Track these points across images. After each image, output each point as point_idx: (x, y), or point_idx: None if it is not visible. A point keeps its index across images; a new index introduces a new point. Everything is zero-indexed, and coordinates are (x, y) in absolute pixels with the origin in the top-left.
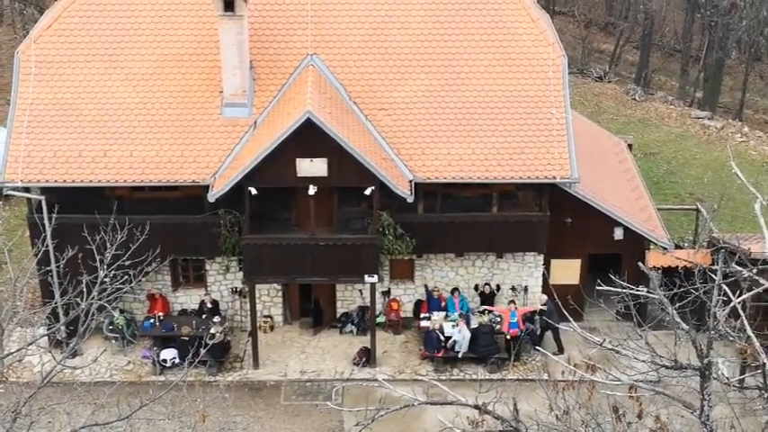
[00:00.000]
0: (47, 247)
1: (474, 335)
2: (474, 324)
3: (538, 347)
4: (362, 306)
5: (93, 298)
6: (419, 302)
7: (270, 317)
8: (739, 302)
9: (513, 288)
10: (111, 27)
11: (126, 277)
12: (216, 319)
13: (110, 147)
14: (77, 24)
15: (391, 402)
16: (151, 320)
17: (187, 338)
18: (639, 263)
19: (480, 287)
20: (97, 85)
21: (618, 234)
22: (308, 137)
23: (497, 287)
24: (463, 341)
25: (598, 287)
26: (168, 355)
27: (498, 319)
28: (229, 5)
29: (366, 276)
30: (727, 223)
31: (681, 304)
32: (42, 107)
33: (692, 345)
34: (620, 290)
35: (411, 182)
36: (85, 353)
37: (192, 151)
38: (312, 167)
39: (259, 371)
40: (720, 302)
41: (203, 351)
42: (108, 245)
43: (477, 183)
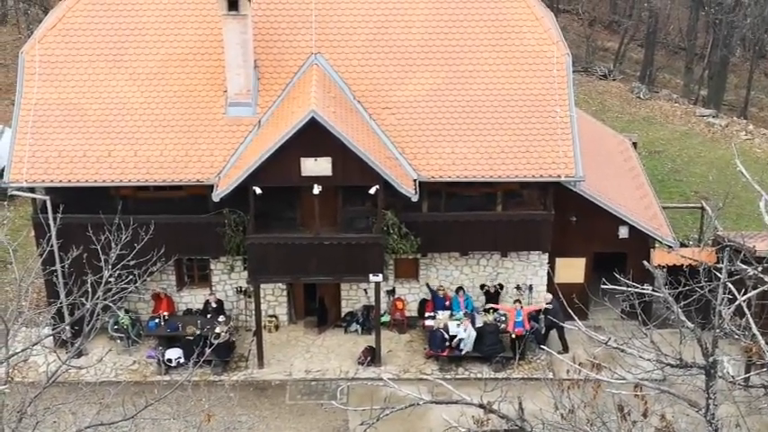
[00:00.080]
0: (52, 247)
1: (479, 334)
2: (479, 323)
3: (543, 346)
4: (367, 305)
5: (98, 298)
6: (424, 301)
7: (275, 316)
8: (744, 300)
9: (518, 287)
10: (116, 27)
11: (131, 277)
12: (221, 319)
13: (114, 146)
14: (82, 24)
15: (396, 401)
16: (156, 320)
17: (192, 338)
18: (644, 261)
19: (486, 286)
20: (102, 85)
21: (623, 232)
22: (313, 136)
23: (500, 286)
24: (468, 340)
25: (603, 286)
26: (173, 354)
27: (503, 318)
28: (233, 5)
29: (371, 276)
30: (732, 221)
31: (686, 303)
32: (47, 107)
33: (698, 343)
34: (625, 288)
35: (415, 181)
36: (90, 353)
37: (197, 151)
38: (316, 167)
39: (264, 370)
40: (725, 301)
41: (208, 351)
42: (113, 245)
43: (481, 181)
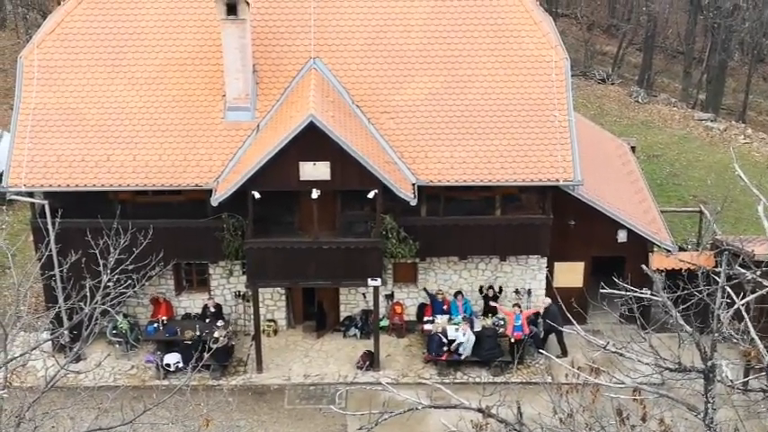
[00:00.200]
0: (50, 251)
1: (478, 338)
2: (477, 327)
3: (541, 350)
4: (366, 310)
5: (96, 302)
6: (423, 306)
7: (273, 321)
8: (743, 304)
9: (517, 291)
10: (114, 31)
11: (129, 281)
12: (219, 323)
13: (113, 151)
14: (80, 29)
15: (395, 406)
16: (155, 325)
17: (190, 342)
18: (643, 265)
19: (485, 290)
20: (100, 90)
21: (621, 236)
22: (311, 140)
23: (500, 289)
24: (467, 344)
25: (602, 290)
26: (172, 359)
27: (502, 323)
28: (232, 9)
29: (369, 280)
30: (731, 225)
31: (684, 307)
32: (45, 112)
33: (696, 347)
34: (623, 292)
35: (414, 185)
36: (89, 357)
37: (195, 155)
38: (315, 171)
39: (263, 375)
40: (724, 305)
41: (207, 355)
42: (111, 249)
43: (480, 185)
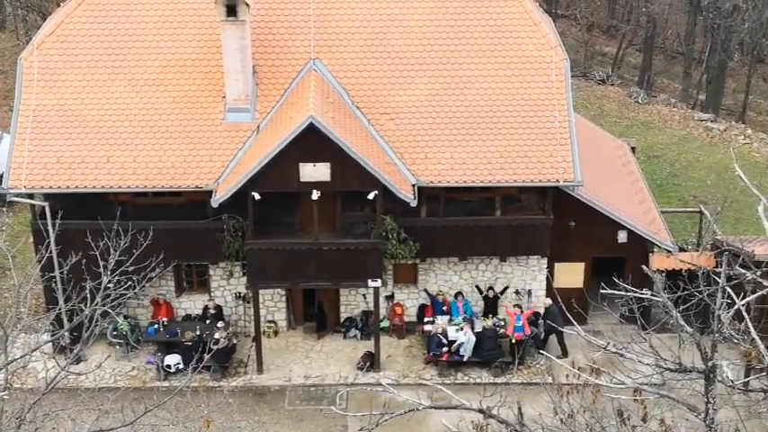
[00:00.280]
0: (50, 253)
1: (478, 339)
2: (478, 328)
3: (542, 351)
4: (366, 311)
5: (96, 304)
6: (423, 307)
7: (274, 322)
8: (743, 305)
9: (517, 291)
10: (114, 33)
11: (130, 283)
12: (220, 325)
13: (113, 152)
14: (80, 30)
15: (395, 407)
16: (155, 326)
17: (191, 344)
18: (643, 266)
19: (484, 291)
20: (100, 91)
21: (622, 237)
22: (311, 142)
23: (505, 290)
24: (468, 344)
25: (602, 290)
26: (172, 360)
27: (502, 323)
28: (232, 11)
29: (369, 281)
30: (731, 226)
31: (685, 307)
32: (45, 113)
33: (697, 348)
34: (624, 293)
35: (414, 186)
36: (89, 359)
37: (195, 156)
38: (315, 172)
39: (263, 376)
40: (724, 305)
41: (207, 356)
42: (111, 250)
43: (480, 186)
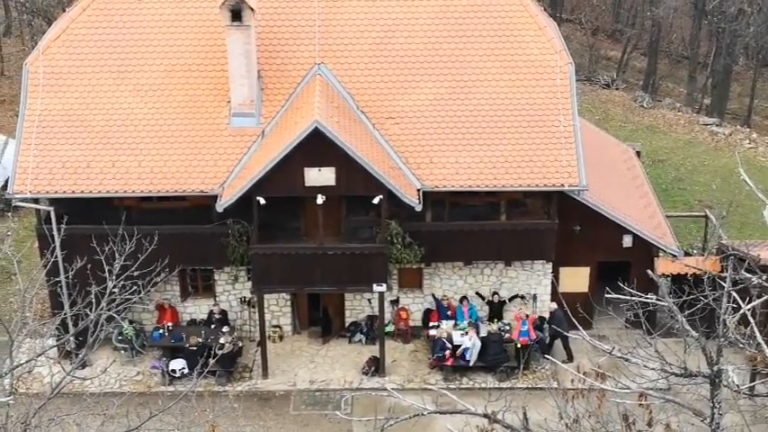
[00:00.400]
0: (56, 257)
1: (483, 343)
2: (483, 332)
3: (547, 356)
4: (371, 315)
5: (102, 308)
6: (428, 311)
7: (279, 326)
8: (749, 309)
9: (522, 296)
10: (119, 38)
11: (135, 287)
12: (225, 329)
13: (118, 157)
14: (85, 35)
15: (400, 412)
16: (160, 331)
17: (196, 348)
18: (649, 270)
19: (486, 297)
20: (105, 96)
21: (627, 241)
22: (316, 146)
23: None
24: (474, 349)
25: (607, 295)
26: (177, 365)
27: (507, 328)
28: (237, 15)
29: (375, 285)
30: (737, 230)
31: (690, 312)
32: (51, 118)
33: (702, 352)
34: (629, 297)
35: (419, 190)
36: (95, 363)
37: (201, 161)
38: (320, 177)
39: (268, 381)
40: (730, 309)
41: (212, 361)
42: (117, 255)
43: (485, 191)
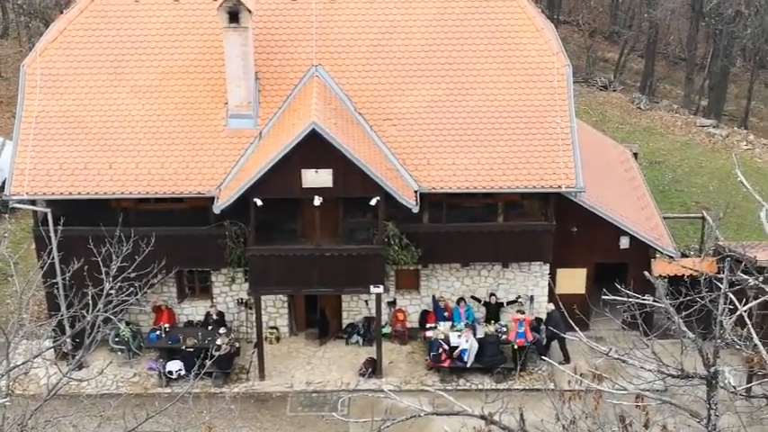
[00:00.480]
0: (53, 259)
1: (480, 345)
2: (480, 334)
3: (544, 357)
4: (368, 317)
5: (98, 310)
6: (425, 313)
7: (276, 328)
8: (746, 311)
9: (519, 298)
10: (117, 40)
11: (132, 289)
12: (222, 331)
13: (115, 159)
14: (83, 37)
15: (397, 413)
16: (157, 332)
17: (192, 350)
18: (645, 272)
19: (481, 300)
20: (102, 98)
21: (624, 243)
22: (314, 148)
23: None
24: (471, 350)
25: (604, 296)
26: (174, 366)
27: (504, 329)
28: (234, 17)
29: (372, 287)
30: (733, 231)
31: (687, 313)
32: (48, 120)
33: (699, 353)
34: (626, 299)
35: (416, 192)
36: (91, 365)
37: (198, 163)
38: (317, 178)
39: (265, 382)
40: (727, 311)
41: (209, 363)
42: (113, 257)
43: (482, 192)
